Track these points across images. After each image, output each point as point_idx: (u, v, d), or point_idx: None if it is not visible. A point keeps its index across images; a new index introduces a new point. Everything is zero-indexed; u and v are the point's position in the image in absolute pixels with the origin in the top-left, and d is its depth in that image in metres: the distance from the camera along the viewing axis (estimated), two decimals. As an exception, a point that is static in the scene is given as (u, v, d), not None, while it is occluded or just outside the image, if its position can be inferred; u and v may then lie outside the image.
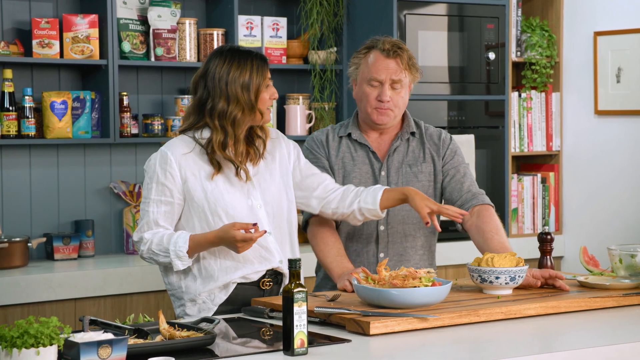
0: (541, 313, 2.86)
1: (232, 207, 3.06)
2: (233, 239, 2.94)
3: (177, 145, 3.07)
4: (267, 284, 3.13)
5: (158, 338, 2.49)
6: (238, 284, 3.09)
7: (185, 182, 3.04)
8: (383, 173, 3.30)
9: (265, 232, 3.01)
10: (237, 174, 3.07)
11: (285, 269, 3.13)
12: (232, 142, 3.05)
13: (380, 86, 3.23)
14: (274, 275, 3.15)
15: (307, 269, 3.77)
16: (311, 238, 3.27)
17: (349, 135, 3.34)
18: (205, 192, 3.05)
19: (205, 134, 3.07)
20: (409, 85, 3.28)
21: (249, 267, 3.09)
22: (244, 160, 3.09)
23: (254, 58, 3.08)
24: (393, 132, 3.34)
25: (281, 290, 3.07)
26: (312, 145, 3.35)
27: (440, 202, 3.36)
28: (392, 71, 3.22)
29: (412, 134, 3.35)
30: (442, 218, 3.41)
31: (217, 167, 3.05)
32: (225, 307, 3.07)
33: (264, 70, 3.08)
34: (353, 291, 3.01)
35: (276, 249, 3.13)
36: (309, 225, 3.29)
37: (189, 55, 4.72)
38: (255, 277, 3.12)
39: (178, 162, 3.04)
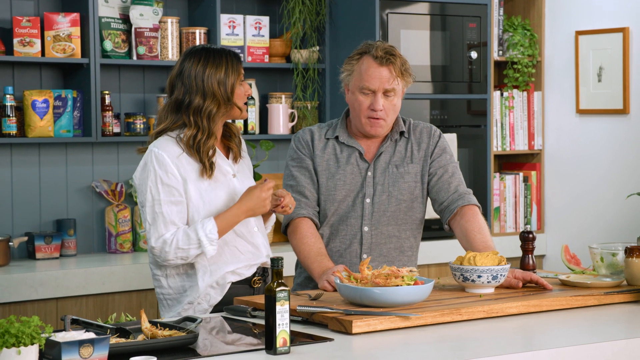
0: (523, 311, 2.87)
1: (224, 206, 3.10)
2: (259, 194, 3.04)
3: (167, 146, 3.06)
4: (258, 282, 3.17)
5: (140, 337, 2.48)
6: (232, 283, 3.13)
7: (185, 183, 3.06)
8: (370, 174, 3.30)
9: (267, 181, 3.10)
10: (205, 170, 3.07)
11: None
12: (204, 137, 3.06)
13: (373, 95, 3.21)
14: (262, 272, 3.19)
15: (288, 268, 3.77)
16: (291, 238, 3.27)
17: (337, 137, 3.33)
18: (200, 192, 3.08)
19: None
20: (402, 91, 3.27)
21: (237, 262, 3.13)
22: (213, 154, 3.10)
23: (228, 55, 3.13)
24: (382, 135, 3.34)
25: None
26: (297, 145, 3.35)
27: (426, 202, 3.36)
28: (385, 80, 3.19)
29: (401, 133, 3.34)
30: (427, 216, 3.41)
31: (209, 167, 3.06)
32: (219, 307, 3.10)
33: (238, 67, 3.13)
34: (334, 290, 3.01)
35: (263, 243, 3.21)
36: (289, 226, 3.29)
37: (171, 54, 4.71)
38: (247, 273, 3.16)
39: (175, 163, 3.05)
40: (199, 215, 3.07)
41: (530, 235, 3.34)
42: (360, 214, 3.28)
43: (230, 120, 3.28)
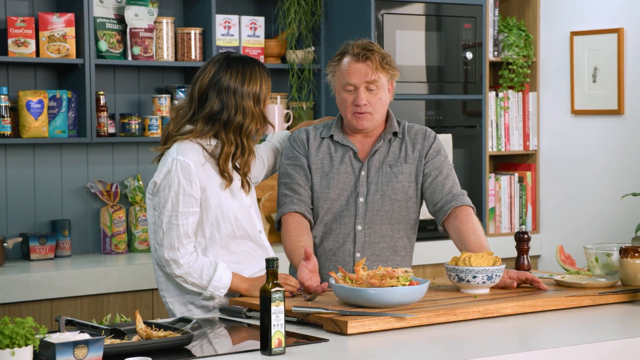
0: (518, 312, 2.87)
1: (238, 212, 3.13)
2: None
3: (192, 153, 3.06)
4: None
5: (135, 338, 2.48)
6: None
7: (204, 191, 3.08)
8: (363, 173, 3.30)
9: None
10: (242, 185, 3.13)
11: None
12: (245, 154, 3.11)
13: (355, 91, 3.23)
14: None
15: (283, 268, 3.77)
16: (281, 234, 3.29)
17: (331, 136, 3.34)
18: (219, 200, 3.09)
19: (213, 142, 3.11)
20: (387, 85, 3.28)
21: (251, 267, 3.17)
22: (249, 171, 3.15)
23: (261, 68, 3.14)
24: (376, 133, 3.34)
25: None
26: (292, 143, 3.36)
27: (421, 203, 3.36)
28: (364, 74, 3.21)
29: (395, 134, 3.35)
30: (422, 217, 3.40)
31: (229, 180, 3.09)
32: None
33: (269, 81, 3.16)
34: (299, 289, 3.00)
35: (268, 245, 3.25)
36: (281, 225, 3.30)
37: (166, 55, 4.71)
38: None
39: (198, 172, 3.06)
40: (223, 220, 3.09)
41: (525, 236, 3.34)
42: (354, 213, 3.28)
43: None
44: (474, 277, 2.98)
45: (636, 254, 3.11)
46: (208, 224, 3.09)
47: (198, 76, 3.12)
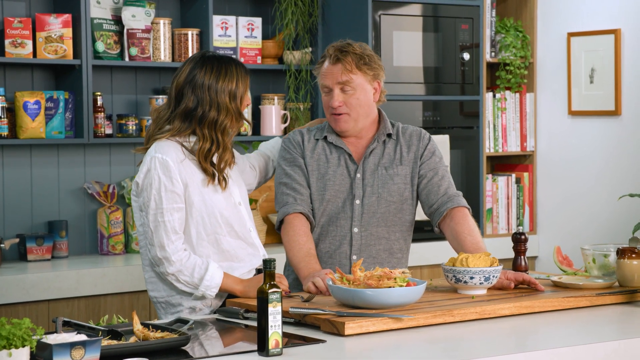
0: (515, 313, 2.87)
1: (224, 209, 3.13)
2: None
3: (170, 150, 3.07)
4: None
5: (132, 339, 2.48)
6: None
7: (186, 187, 3.08)
8: (359, 175, 3.30)
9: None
10: (219, 182, 3.13)
11: None
12: (220, 150, 3.10)
13: (331, 92, 3.25)
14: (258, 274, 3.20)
15: (279, 269, 3.76)
16: (284, 234, 3.27)
17: (325, 138, 3.34)
18: (202, 196, 3.09)
19: (193, 139, 3.12)
20: (368, 85, 3.25)
21: (242, 265, 3.16)
22: (225, 167, 3.14)
23: (238, 66, 3.17)
24: (370, 135, 3.34)
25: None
26: (288, 145, 3.36)
27: (416, 204, 3.36)
28: (337, 75, 3.23)
29: (389, 135, 3.35)
30: (419, 217, 3.41)
31: (212, 175, 3.10)
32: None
33: (247, 79, 3.17)
34: (318, 293, 3.00)
35: (259, 244, 3.25)
36: (282, 225, 3.29)
37: (164, 56, 4.71)
38: (248, 277, 3.18)
39: (178, 168, 3.06)
40: (208, 216, 3.10)
41: (523, 237, 3.34)
42: (350, 215, 3.28)
43: None
44: (471, 278, 2.98)
45: (633, 255, 3.11)
46: (193, 223, 3.09)
47: (175, 75, 3.16)
